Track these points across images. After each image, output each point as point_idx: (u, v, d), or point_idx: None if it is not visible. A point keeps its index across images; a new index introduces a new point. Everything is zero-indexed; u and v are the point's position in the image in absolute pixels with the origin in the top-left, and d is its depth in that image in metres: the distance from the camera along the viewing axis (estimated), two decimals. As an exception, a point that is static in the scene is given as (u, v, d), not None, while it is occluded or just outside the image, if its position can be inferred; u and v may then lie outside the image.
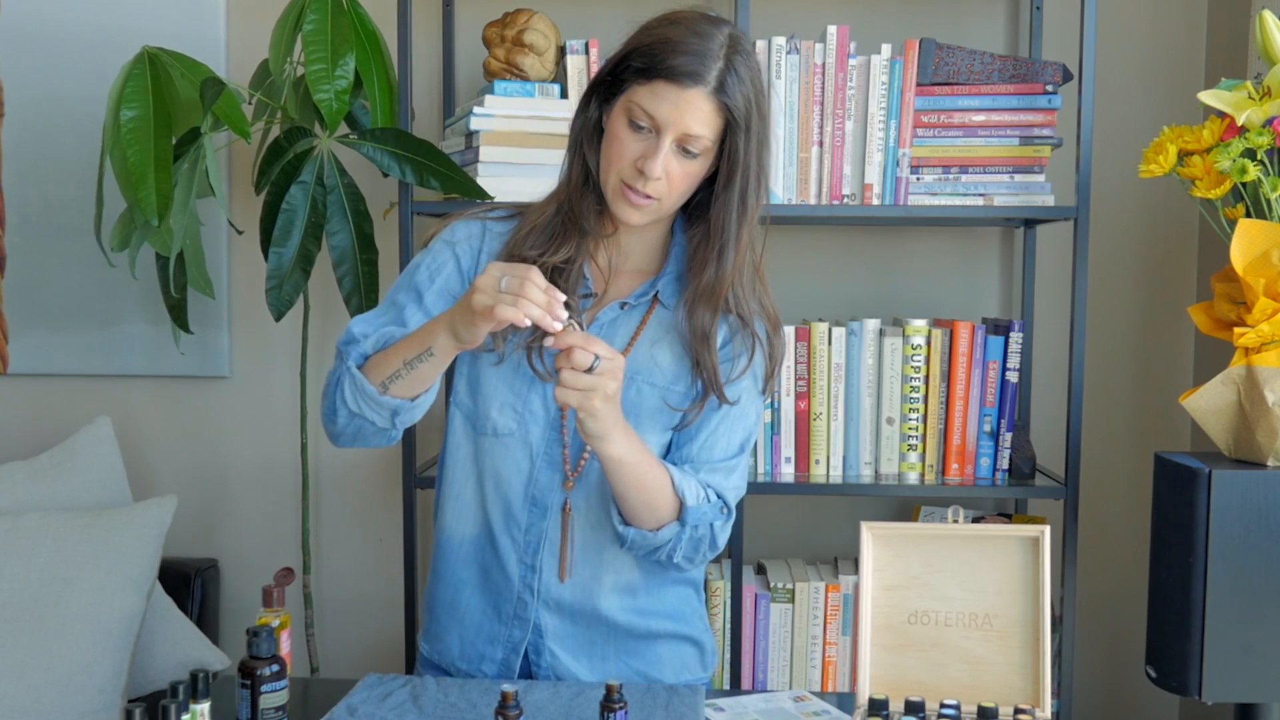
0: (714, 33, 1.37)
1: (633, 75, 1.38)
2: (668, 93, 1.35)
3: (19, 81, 2.49)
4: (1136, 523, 2.47)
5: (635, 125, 1.38)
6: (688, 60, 1.35)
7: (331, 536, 2.60)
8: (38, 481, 2.18)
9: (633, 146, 1.38)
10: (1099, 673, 2.53)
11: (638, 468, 1.40)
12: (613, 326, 1.50)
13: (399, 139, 2.11)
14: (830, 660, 2.22)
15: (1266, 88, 1.72)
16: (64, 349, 2.56)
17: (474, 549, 1.54)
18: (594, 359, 1.30)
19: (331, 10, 2.10)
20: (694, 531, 1.46)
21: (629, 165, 1.38)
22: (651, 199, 1.40)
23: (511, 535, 1.51)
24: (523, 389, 1.49)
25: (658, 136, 1.37)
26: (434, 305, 1.49)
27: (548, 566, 1.50)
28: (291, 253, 2.17)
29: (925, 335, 2.17)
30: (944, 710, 1.30)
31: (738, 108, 1.37)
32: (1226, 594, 1.61)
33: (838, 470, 2.20)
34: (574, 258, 1.47)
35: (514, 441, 1.50)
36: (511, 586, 1.52)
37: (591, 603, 1.52)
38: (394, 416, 1.43)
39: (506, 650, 1.53)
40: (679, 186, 1.40)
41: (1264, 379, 1.68)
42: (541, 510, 1.50)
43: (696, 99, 1.35)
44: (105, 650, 1.95)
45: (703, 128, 1.36)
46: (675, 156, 1.38)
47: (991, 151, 2.16)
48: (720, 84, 1.36)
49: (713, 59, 1.36)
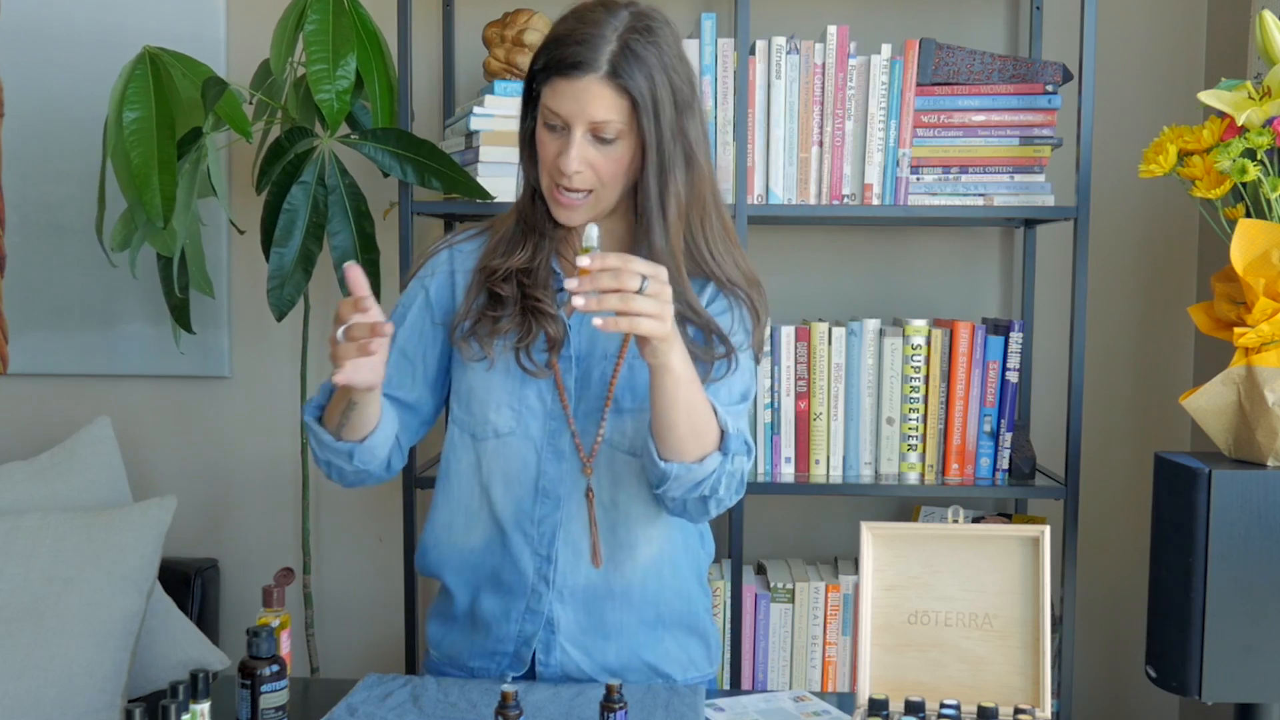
0: (607, 18, 1.38)
1: (539, 79, 1.41)
2: (564, 86, 1.37)
3: (19, 81, 2.48)
4: (1136, 523, 2.47)
5: (550, 126, 1.41)
6: (576, 50, 1.36)
7: (331, 536, 2.60)
8: (38, 481, 2.17)
9: (551, 146, 1.41)
10: (1099, 673, 2.53)
11: (691, 386, 1.38)
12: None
13: (400, 139, 2.11)
14: (830, 660, 2.22)
15: (1266, 88, 1.72)
16: (64, 349, 2.56)
17: (484, 555, 1.55)
18: (641, 279, 1.28)
19: (333, 10, 2.10)
20: (731, 464, 1.43)
21: (551, 165, 1.41)
22: (582, 194, 1.42)
23: (524, 531, 1.52)
24: (516, 387, 1.50)
25: (570, 132, 1.39)
26: (407, 342, 1.55)
27: (562, 556, 1.51)
28: (293, 253, 2.17)
29: (925, 335, 2.17)
30: (944, 710, 1.30)
31: (637, 87, 1.36)
32: (1226, 594, 1.61)
33: (838, 470, 2.20)
34: (535, 257, 1.50)
35: (515, 439, 1.51)
36: (525, 581, 1.52)
37: (605, 585, 1.53)
38: (351, 457, 1.46)
39: (518, 644, 1.54)
40: (608, 175, 1.41)
41: (1264, 379, 1.68)
42: (554, 501, 1.51)
43: (591, 86, 1.36)
44: (105, 650, 1.95)
45: (606, 113, 1.37)
46: (592, 147, 1.39)
47: (991, 151, 2.16)
48: (613, 67, 1.36)
49: (603, 43, 1.36)
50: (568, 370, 1.50)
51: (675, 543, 1.57)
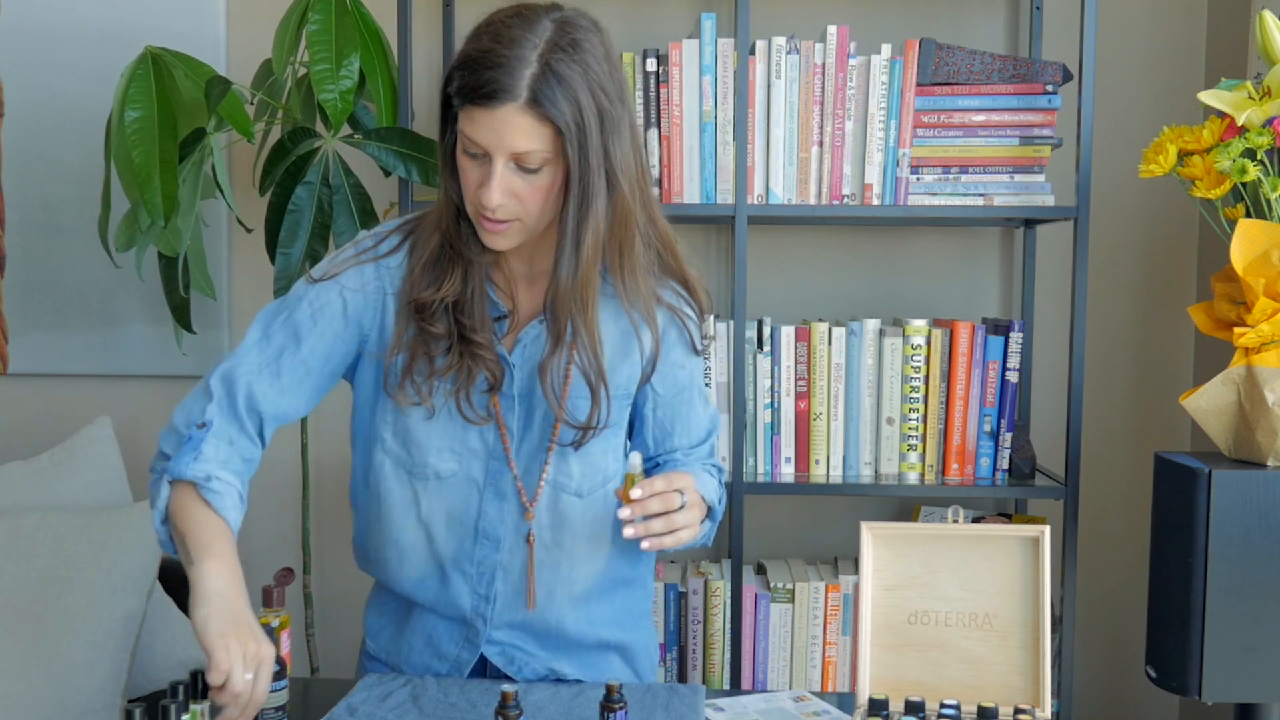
0: (525, 36, 1.26)
1: (455, 100, 1.29)
2: (480, 116, 1.25)
3: (19, 81, 2.49)
4: (1136, 523, 2.47)
5: (469, 153, 1.30)
6: (491, 76, 1.24)
7: (331, 536, 2.60)
8: (38, 481, 2.17)
9: (473, 174, 1.30)
10: (1099, 673, 2.53)
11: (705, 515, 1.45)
12: (536, 344, 1.43)
13: (404, 138, 2.11)
14: (830, 660, 2.22)
15: (1266, 88, 1.72)
16: (64, 349, 2.56)
17: (420, 587, 1.51)
18: (681, 496, 1.33)
19: (336, 10, 2.10)
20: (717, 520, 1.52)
21: (474, 193, 1.31)
22: (508, 223, 1.32)
23: (463, 570, 1.48)
24: (458, 431, 1.44)
25: (490, 162, 1.28)
26: (311, 353, 1.40)
27: (501, 595, 1.49)
28: (299, 253, 2.17)
29: (925, 335, 2.17)
30: (944, 710, 1.30)
31: (561, 114, 1.25)
32: (1226, 594, 1.61)
33: (838, 470, 2.20)
34: (468, 286, 1.39)
35: (457, 481, 1.45)
36: (464, 615, 1.50)
37: (543, 622, 1.51)
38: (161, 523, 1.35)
39: (453, 669, 1.53)
40: (533, 203, 1.30)
41: (1264, 379, 1.68)
42: (494, 543, 1.47)
43: (510, 116, 1.24)
44: (105, 650, 1.95)
45: (529, 142, 1.26)
46: (516, 176, 1.28)
47: (991, 151, 2.16)
48: (534, 94, 1.24)
49: (523, 66, 1.24)
50: (509, 409, 1.43)
51: (621, 571, 1.56)
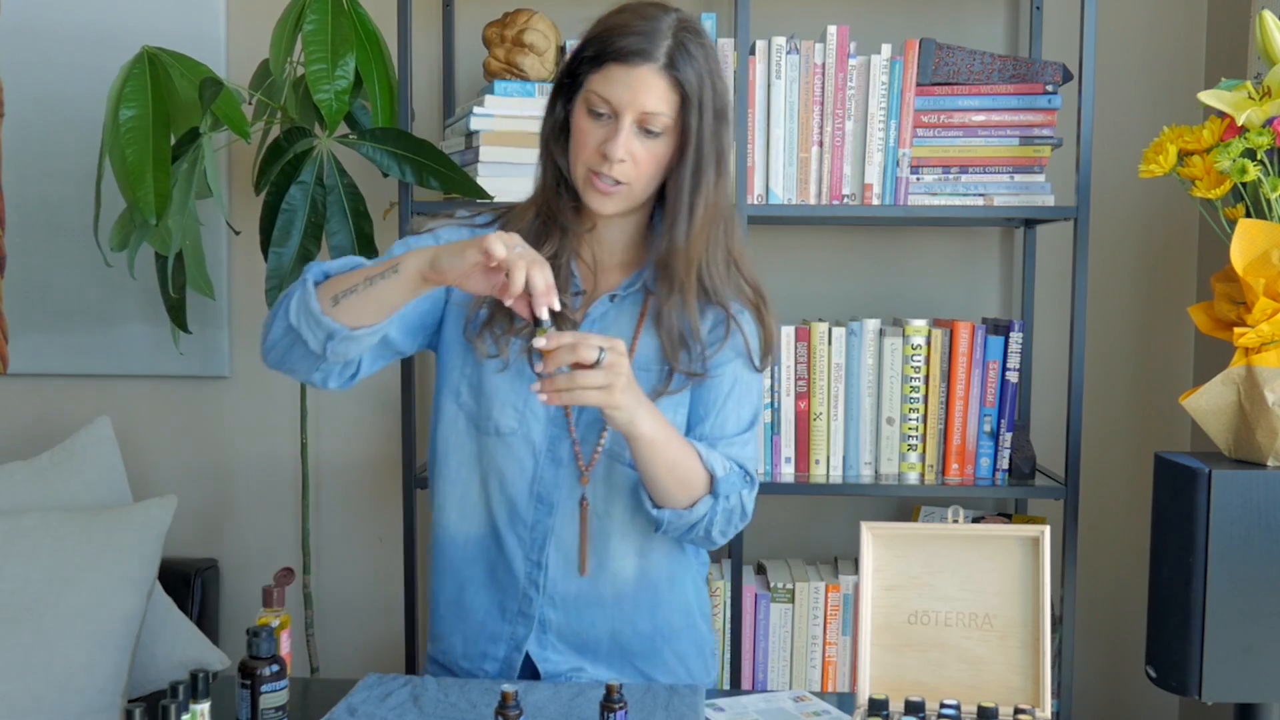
0: (662, 15, 1.41)
1: (586, 66, 1.41)
2: (619, 74, 1.38)
3: (19, 81, 2.48)
4: (1136, 523, 2.47)
5: (595, 113, 1.41)
6: (635, 40, 1.38)
7: (331, 536, 2.60)
8: (38, 481, 2.17)
9: (595, 134, 1.41)
10: (1099, 673, 2.53)
11: (667, 446, 1.41)
12: (604, 320, 1.51)
13: (399, 139, 2.11)
14: (830, 660, 2.22)
15: (1266, 88, 1.72)
16: (64, 349, 2.56)
17: (479, 548, 1.55)
18: (599, 351, 1.31)
19: (332, 10, 2.10)
20: (725, 502, 1.48)
21: (593, 152, 1.41)
22: (620, 184, 1.41)
23: (517, 533, 1.52)
24: (524, 390, 1.50)
25: (617, 120, 1.39)
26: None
27: (554, 562, 1.51)
28: (291, 253, 2.17)
29: (925, 335, 2.17)
30: (944, 710, 1.30)
31: (690, 82, 1.39)
32: (1226, 594, 1.61)
33: (838, 470, 2.20)
34: (559, 254, 1.49)
35: (516, 440, 1.50)
36: (517, 583, 1.52)
37: (597, 594, 1.53)
38: (327, 341, 1.35)
39: (509, 648, 1.53)
40: (646, 168, 1.42)
41: (1264, 379, 1.68)
42: (548, 507, 1.51)
43: (648, 75, 1.38)
44: (105, 650, 1.95)
45: (658, 104, 1.39)
46: (637, 138, 1.40)
47: (991, 151, 2.16)
48: (670, 59, 1.38)
49: (661, 37, 1.39)
50: None
51: (671, 555, 1.57)
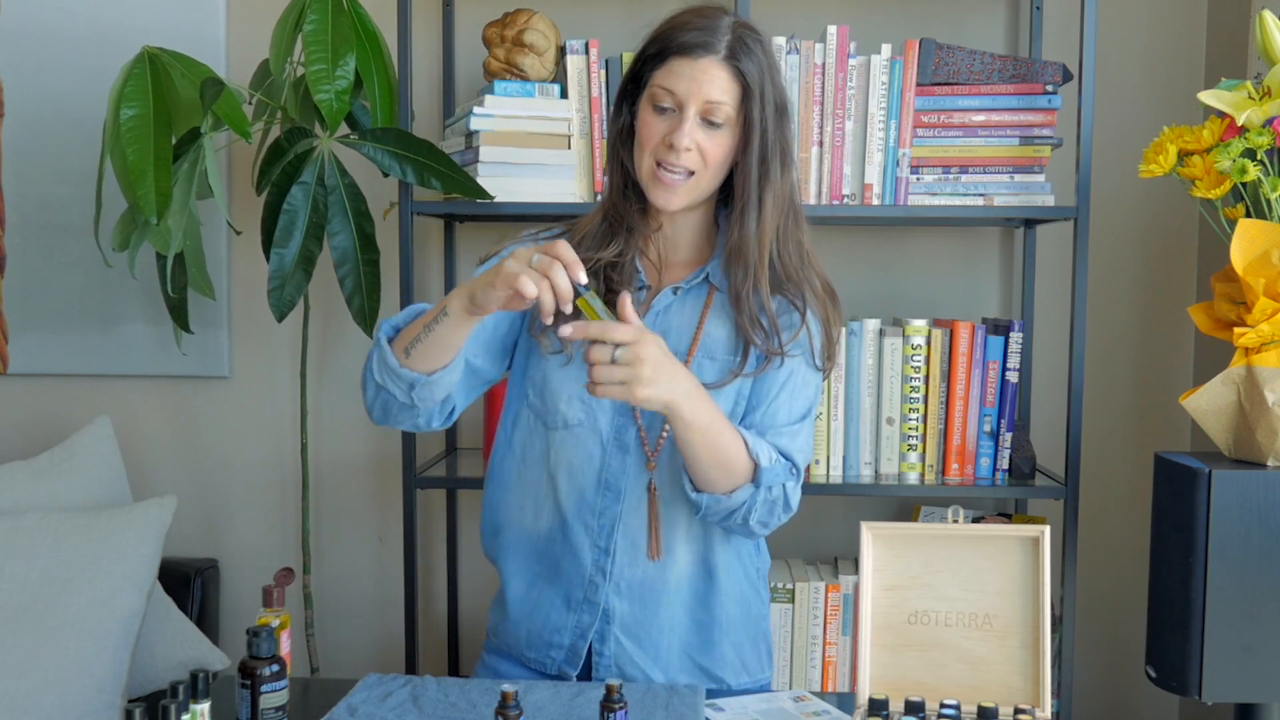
0: (720, 14, 1.48)
1: (649, 66, 1.48)
2: (682, 67, 1.44)
3: (19, 81, 2.49)
4: (1136, 523, 2.47)
5: (659, 108, 1.46)
6: (697, 34, 1.44)
7: (331, 536, 2.60)
8: (38, 481, 2.17)
9: (660, 127, 1.46)
10: (1099, 673, 2.53)
11: (709, 431, 1.42)
12: (667, 312, 1.55)
13: (399, 139, 2.11)
14: (830, 660, 2.22)
15: (1266, 88, 1.72)
16: (64, 349, 2.56)
17: (546, 542, 1.58)
18: (612, 348, 1.34)
19: (332, 10, 2.10)
20: (768, 493, 1.49)
21: (659, 144, 1.46)
22: (686, 175, 1.46)
23: (585, 521, 1.55)
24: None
25: (681, 112, 1.45)
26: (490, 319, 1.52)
27: (620, 549, 1.54)
28: (293, 253, 2.17)
29: (925, 335, 2.17)
30: (944, 710, 1.30)
31: (750, 73, 1.44)
32: (1226, 594, 1.61)
33: (838, 470, 2.20)
34: (624, 252, 1.54)
35: (584, 431, 1.54)
36: (583, 572, 1.55)
37: (661, 581, 1.55)
38: (411, 390, 1.45)
39: (574, 636, 1.56)
40: (712, 159, 1.46)
41: (1264, 379, 1.68)
42: (615, 494, 1.54)
43: (710, 66, 1.44)
44: (105, 650, 1.95)
45: (721, 94, 1.44)
46: (701, 129, 1.45)
47: (991, 151, 2.15)
48: (731, 51, 1.44)
49: (721, 32, 1.45)
50: None
51: (731, 546, 1.60)
